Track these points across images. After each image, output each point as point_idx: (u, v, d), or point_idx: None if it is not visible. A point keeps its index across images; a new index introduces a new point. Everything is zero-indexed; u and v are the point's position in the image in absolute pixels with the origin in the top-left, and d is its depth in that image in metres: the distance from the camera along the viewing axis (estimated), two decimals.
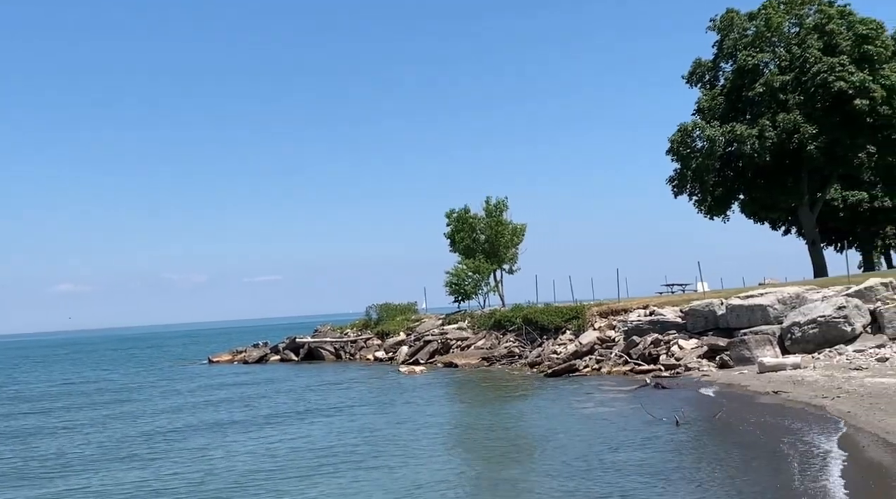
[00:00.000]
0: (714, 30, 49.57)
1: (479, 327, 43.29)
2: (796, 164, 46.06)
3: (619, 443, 16.97)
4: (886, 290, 27.87)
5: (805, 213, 48.45)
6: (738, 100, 47.28)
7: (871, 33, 43.97)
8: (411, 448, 18.04)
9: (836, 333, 26.46)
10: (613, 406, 22.46)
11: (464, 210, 53.78)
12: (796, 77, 45.23)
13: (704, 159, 46.53)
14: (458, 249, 53.23)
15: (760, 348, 27.12)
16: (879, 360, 23.82)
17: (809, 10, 47.75)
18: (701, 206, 49.82)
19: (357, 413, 24.49)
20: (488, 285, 51.93)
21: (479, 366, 37.67)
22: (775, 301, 29.25)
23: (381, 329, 49.78)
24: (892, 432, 14.65)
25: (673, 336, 31.14)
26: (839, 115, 43.81)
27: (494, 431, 20.33)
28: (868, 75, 42.82)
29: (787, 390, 21.38)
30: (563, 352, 34.58)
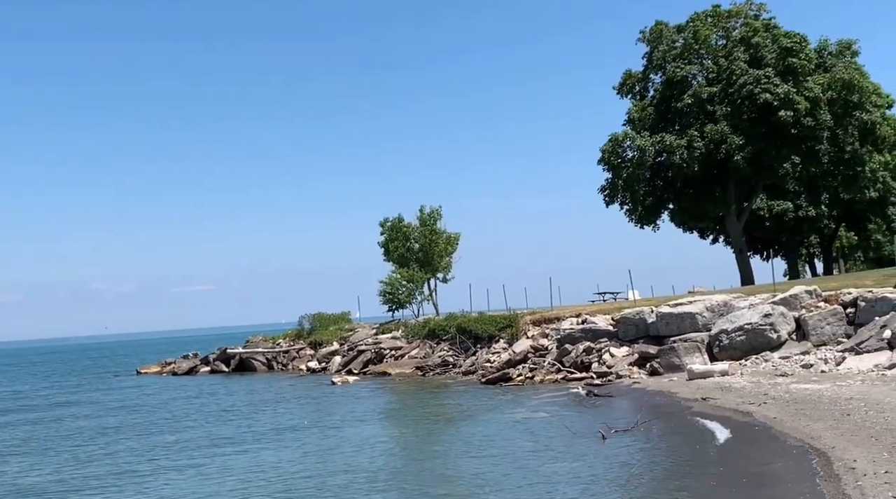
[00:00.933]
0: (644, 42, 50.35)
1: (413, 337, 43.13)
2: (724, 174, 46.96)
3: (551, 452, 17.00)
4: (810, 297, 28.49)
5: (732, 222, 49.42)
6: (668, 111, 48.06)
7: (795, 46, 45.10)
8: (336, 460, 17.81)
9: (762, 341, 26.95)
10: (545, 413, 22.52)
11: (397, 219, 53.62)
12: (723, 89, 46.16)
13: (635, 169, 47.14)
14: (392, 258, 53.02)
15: (689, 356, 27.49)
16: (804, 366, 24.33)
17: (736, 24, 48.83)
18: (632, 215, 50.47)
19: (282, 417, 24.17)
20: (422, 294, 51.81)
21: (413, 375, 37.53)
22: (704, 309, 29.69)
23: (313, 339, 49.29)
24: (816, 437, 14.93)
25: (605, 344, 31.41)
26: (765, 127, 44.81)
27: (427, 441, 20.23)
28: (792, 87, 43.88)
29: (716, 396, 21.69)
30: (496, 361, 34.62)
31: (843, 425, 15.45)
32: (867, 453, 12.94)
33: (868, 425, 14.96)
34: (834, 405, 17.56)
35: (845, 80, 44.97)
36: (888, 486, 10.83)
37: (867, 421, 15.27)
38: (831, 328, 26.51)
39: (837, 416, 16.36)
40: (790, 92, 43.62)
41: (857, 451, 13.20)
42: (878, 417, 15.45)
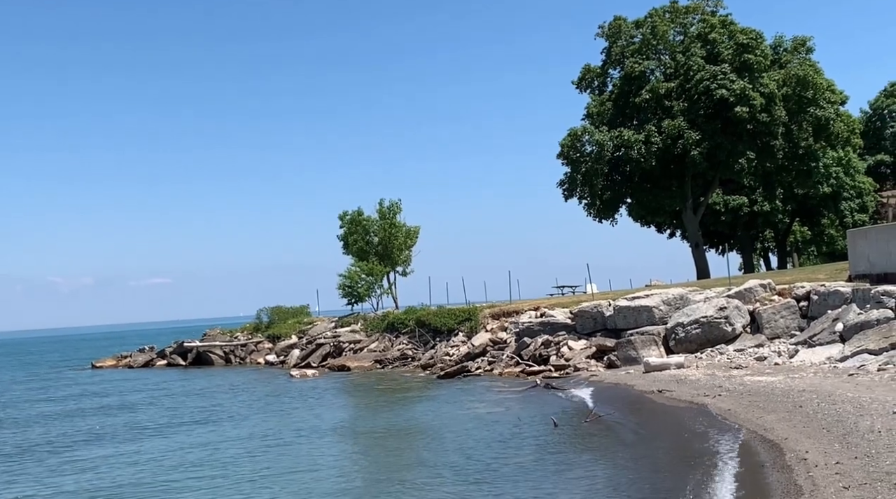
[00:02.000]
0: (602, 37, 50.60)
1: (373, 330, 43.10)
2: (681, 169, 47.41)
3: (506, 444, 17.09)
4: (765, 291, 28.89)
5: (689, 216, 49.92)
6: (626, 106, 48.38)
7: (751, 43, 45.63)
8: (298, 453, 17.78)
9: (717, 334, 27.30)
10: (504, 407, 22.64)
11: (357, 212, 53.49)
12: (681, 84, 46.59)
13: (594, 164, 47.40)
14: (352, 251, 52.90)
15: (646, 348, 27.78)
16: (758, 359, 24.68)
17: (693, 20, 49.26)
18: (590, 209, 50.72)
19: (241, 418, 24.01)
20: (382, 288, 51.75)
21: (372, 369, 37.52)
22: (660, 302, 30.01)
23: (272, 332, 49.08)
24: (769, 429, 15.16)
25: (563, 337, 31.61)
26: (721, 122, 45.31)
27: (385, 434, 20.21)
28: (748, 83, 44.41)
29: (671, 388, 21.92)
30: (455, 354, 34.74)
31: (796, 416, 15.69)
32: (819, 444, 13.16)
33: (820, 416, 15.21)
34: (787, 397, 17.82)
35: (800, 76, 45.60)
36: (839, 477, 11.02)
37: (819, 413, 15.52)
38: (785, 321, 26.92)
39: (790, 408, 16.61)
40: (746, 88, 44.14)
41: (808, 442, 13.41)
42: (829, 409, 15.72)
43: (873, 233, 29.66)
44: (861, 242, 29.21)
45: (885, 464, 11.11)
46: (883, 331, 22.26)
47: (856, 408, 15.26)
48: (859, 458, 11.74)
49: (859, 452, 12.07)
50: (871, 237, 28.80)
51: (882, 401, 15.51)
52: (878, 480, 10.45)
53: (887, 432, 12.85)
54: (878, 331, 22.40)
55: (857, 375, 19.78)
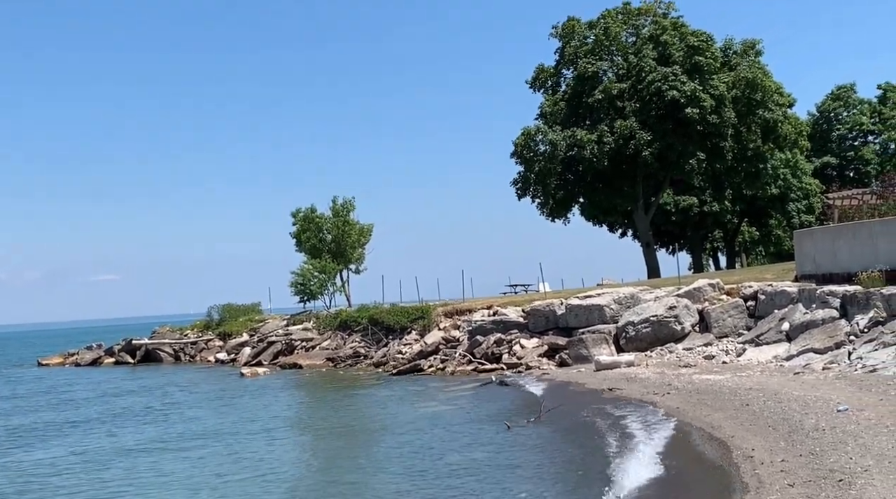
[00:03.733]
0: (556, 37, 50.97)
1: (325, 328, 42.89)
2: (632, 169, 47.90)
3: (459, 443, 17.11)
4: (713, 290, 29.30)
5: (640, 216, 50.47)
6: (579, 106, 48.77)
7: (702, 45, 46.29)
8: (244, 453, 17.60)
9: (667, 332, 27.63)
10: (456, 405, 22.68)
11: (310, 210, 53.23)
12: (633, 85, 47.08)
13: (547, 163, 47.72)
14: (304, 248, 52.63)
15: (597, 347, 28.01)
16: (706, 357, 25.03)
17: (645, 21, 49.84)
18: (543, 208, 51.07)
19: (188, 416, 23.73)
20: (334, 285, 51.54)
21: (325, 367, 37.33)
22: (612, 301, 30.28)
23: (223, 330, 48.60)
24: (717, 427, 15.36)
25: (515, 336, 31.75)
26: (672, 123, 45.88)
27: (336, 433, 20.13)
28: (699, 85, 45.03)
29: (622, 387, 22.13)
30: (408, 352, 34.70)
31: (743, 414, 15.93)
32: (765, 441, 13.37)
33: (766, 414, 15.45)
34: (734, 395, 18.09)
35: (749, 78, 46.37)
36: (784, 474, 11.21)
37: (765, 411, 15.77)
38: (733, 320, 27.32)
39: (737, 406, 16.86)
40: (696, 90, 44.76)
41: (755, 440, 13.62)
42: (775, 406, 15.98)
43: (819, 234, 30.22)
44: (807, 242, 29.74)
45: (829, 461, 11.32)
46: (828, 330, 22.70)
47: (801, 406, 15.54)
48: (804, 456, 11.95)
49: (804, 449, 12.29)
50: (817, 238, 29.34)
51: (826, 399, 15.81)
52: (823, 477, 10.64)
53: (831, 430, 13.10)
54: (824, 330, 22.84)
55: (803, 373, 20.15)
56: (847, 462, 11.07)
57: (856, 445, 11.93)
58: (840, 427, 13.21)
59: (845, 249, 26.49)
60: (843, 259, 26.43)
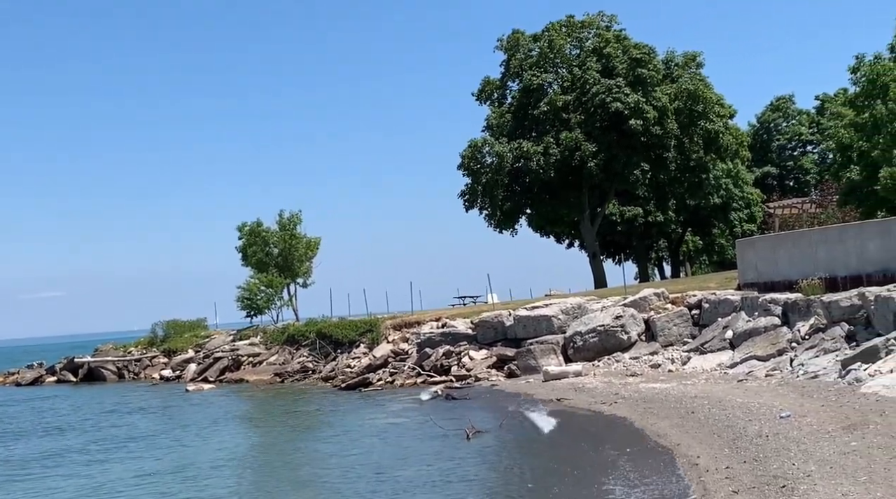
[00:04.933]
0: (501, 50, 51.26)
1: (272, 343, 42.48)
2: (578, 180, 48.29)
3: (409, 456, 17.04)
4: (659, 299, 29.65)
5: (586, 227, 50.89)
6: (525, 118, 49.07)
7: (644, 57, 46.93)
8: (191, 468, 17.33)
9: (614, 342, 27.87)
10: (405, 418, 22.61)
11: (256, 224, 52.66)
12: (577, 97, 47.53)
13: (494, 175, 47.90)
14: (251, 263, 52.02)
15: (545, 357, 28.15)
16: (652, 366, 25.31)
17: (589, 34, 50.37)
18: (491, 220, 51.22)
19: (126, 434, 23.31)
20: (282, 300, 51.04)
21: (272, 382, 36.95)
22: (559, 312, 30.45)
23: (167, 347, 47.82)
24: (663, 435, 15.53)
25: (464, 347, 31.75)
26: (616, 135, 46.38)
27: (283, 448, 19.91)
28: (642, 97, 45.62)
29: (570, 397, 22.27)
30: (357, 366, 34.51)
31: (688, 422, 16.12)
32: (709, 449, 13.55)
33: (711, 422, 15.66)
34: (680, 404, 18.31)
35: (691, 90, 47.09)
36: (728, 481, 11.35)
37: (710, 418, 15.99)
38: (678, 329, 27.65)
39: (683, 414, 17.06)
40: (640, 101, 45.33)
41: (700, 447, 13.79)
42: (720, 414, 16.20)
43: (760, 243, 30.78)
44: (749, 251, 30.26)
45: (772, 468, 11.49)
46: (770, 338, 23.11)
47: (745, 413, 15.78)
48: (748, 462, 12.12)
49: (748, 456, 12.47)
50: (759, 247, 29.88)
51: (769, 406, 16.08)
52: (766, 483, 10.80)
53: (774, 437, 13.31)
54: (766, 338, 23.24)
55: (747, 380, 20.48)
56: (790, 468, 11.25)
57: (798, 451, 12.14)
58: (783, 433, 13.43)
59: (786, 258, 27.01)
60: (784, 267, 26.93)
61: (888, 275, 22.21)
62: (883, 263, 22.73)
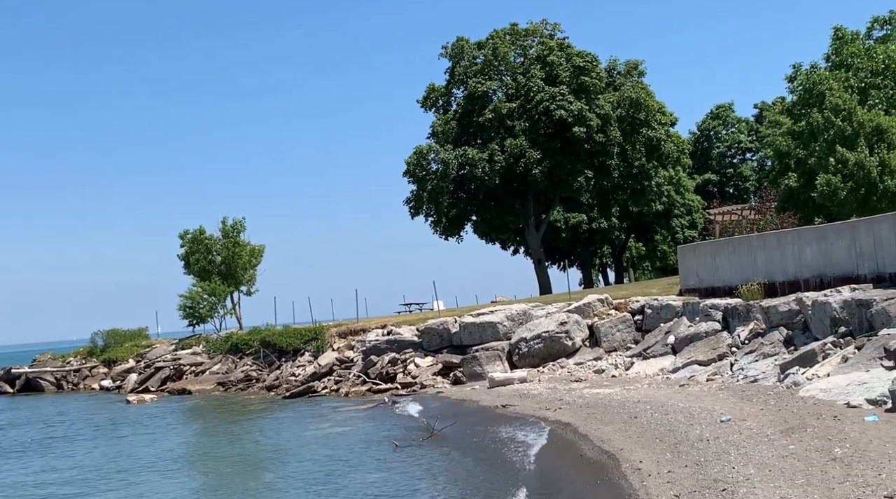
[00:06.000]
0: (446, 57, 51.40)
1: (215, 352, 41.95)
2: (523, 187, 48.56)
3: (353, 465, 16.93)
4: (602, 305, 29.93)
5: (531, 233, 51.18)
6: (470, 125, 49.22)
7: (587, 65, 47.41)
8: (127, 485, 16.98)
9: (558, 348, 28.04)
10: (350, 426, 22.47)
11: (199, 231, 51.99)
12: (522, 105, 47.83)
13: (439, 182, 47.95)
14: (193, 271, 51.34)
15: (491, 364, 28.19)
16: (597, 371, 25.51)
17: (533, 42, 50.75)
18: (436, 227, 51.26)
19: (68, 451, 22.79)
20: (225, 308, 50.47)
21: (215, 391, 36.51)
22: (504, 318, 30.55)
23: (107, 357, 46.96)
24: (606, 440, 15.62)
25: (410, 355, 31.68)
26: (560, 142, 46.75)
27: (225, 459, 19.63)
28: (585, 105, 46.07)
29: (515, 403, 22.32)
30: (301, 374, 34.24)
31: (631, 427, 16.25)
32: (652, 454, 13.66)
33: (654, 426, 15.80)
34: (623, 409, 18.45)
35: (633, 98, 47.66)
36: (670, 485, 11.45)
37: (653, 423, 16.13)
38: (621, 335, 27.94)
39: (626, 419, 17.20)
40: (583, 109, 45.77)
41: (643, 452, 13.90)
42: (662, 419, 16.36)
43: (701, 249, 31.25)
44: (690, 257, 30.72)
45: (713, 471, 11.62)
46: (711, 342, 23.45)
47: (686, 418, 15.95)
48: (689, 466, 12.24)
49: (689, 460, 12.60)
50: (700, 253, 30.34)
51: (710, 410, 16.28)
52: (707, 487, 10.92)
53: (715, 440, 13.47)
54: (707, 343, 23.58)
55: (688, 385, 20.73)
56: (730, 472, 11.39)
57: (738, 454, 12.29)
58: (723, 437, 13.60)
59: (726, 264, 27.46)
60: (725, 273, 27.38)
61: (825, 280, 22.71)
62: (819, 269, 23.23)
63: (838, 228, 23.58)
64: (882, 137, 28.86)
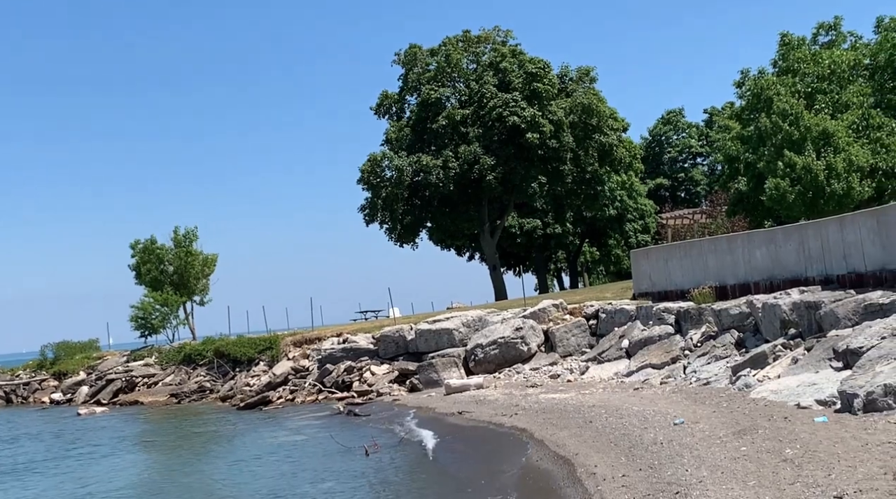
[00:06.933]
0: (399, 64, 51.38)
1: (168, 363, 41.37)
2: (477, 193, 48.66)
3: (306, 474, 16.80)
4: (557, 310, 30.06)
5: (486, 239, 51.29)
6: (424, 131, 49.22)
7: (540, 72, 47.68)
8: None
9: (514, 353, 28.11)
10: (305, 435, 22.31)
11: (150, 241, 51.26)
12: (475, 111, 47.95)
13: (394, 189, 47.89)
14: (145, 281, 50.59)
15: (447, 371, 28.18)
16: (552, 377, 25.60)
17: (485, 49, 50.95)
18: (391, 234, 51.18)
19: (18, 466, 22.31)
20: (178, 318, 49.76)
21: (168, 403, 35.99)
22: (460, 325, 30.57)
23: (57, 369, 46.06)
24: (562, 445, 15.67)
25: (366, 363, 31.56)
26: (514, 148, 46.95)
27: (178, 471, 19.34)
28: (538, 111, 46.32)
29: (471, 409, 22.30)
30: (256, 384, 33.91)
31: (586, 432, 16.31)
32: (607, 458, 13.72)
33: (608, 431, 15.87)
34: (578, 413, 18.53)
35: (585, 104, 48.01)
36: (625, 489, 11.51)
37: (607, 427, 16.21)
38: (576, 339, 28.09)
39: (581, 423, 17.26)
40: (536, 115, 46.01)
41: (597, 457, 13.96)
42: (617, 423, 16.45)
43: (654, 253, 31.51)
44: (643, 261, 30.96)
45: (667, 474, 11.69)
46: (664, 346, 23.66)
47: (641, 421, 16.05)
48: (643, 470, 12.31)
49: (644, 464, 12.67)
50: (652, 257, 30.59)
51: (664, 413, 16.41)
52: (661, 490, 10.98)
53: (668, 444, 13.57)
54: (660, 346, 23.79)
55: (642, 389, 20.89)
56: (683, 474, 11.47)
57: (691, 457, 12.39)
58: (677, 440, 13.70)
59: (678, 267, 27.72)
60: (677, 277, 27.64)
61: (774, 283, 23.02)
62: (769, 271, 23.54)
63: (787, 231, 23.93)
64: (828, 141, 29.36)
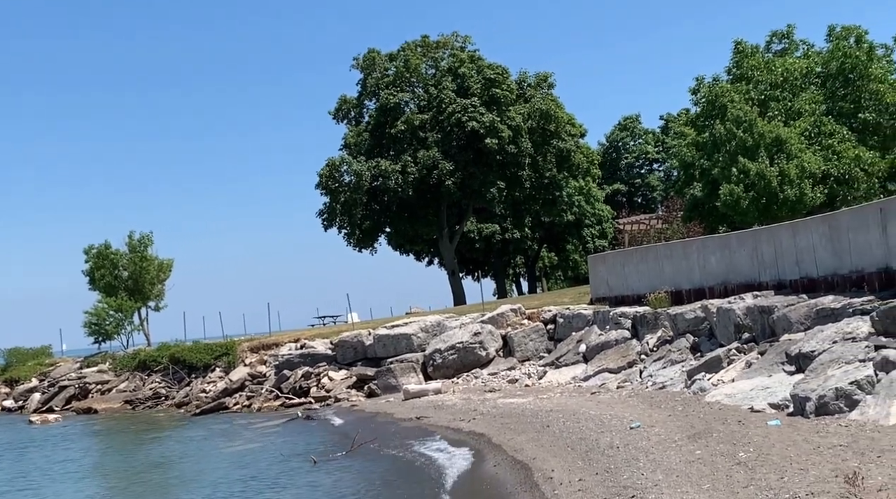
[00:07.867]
0: (358, 68, 51.27)
1: (122, 369, 40.82)
2: (436, 198, 48.71)
3: (263, 482, 16.63)
4: (516, 315, 30.15)
5: (445, 244, 51.33)
6: (383, 136, 49.13)
7: (498, 78, 47.87)
8: None
9: (472, 359, 28.14)
10: (261, 443, 22.11)
11: (104, 246, 50.58)
12: (434, 116, 47.99)
13: (352, 193, 47.74)
14: (99, 286, 49.89)
15: (405, 376, 28.14)
16: (510, 381, 25.66)
17: (444, 54, 51.03)
18: (350, 238, 51.03)
19: None
20: (132, 324, 49.15)
21: (122, 410, 35.52)
22: (419, 330, 30.53)
23: (9, 376, 45.22)
24: (519, 450, 15.70)
25: (323, 368, 31.42)
26: (473, 153, 47.06)
27: (132, 481, 19.04)
28: (496, 116, 46.48)
29: (429, 415, 22.29)
30: (212, 390, 33.62)
31: (544, 436, 16.36)
32: (564, 462, 13.77)
33: (565, 435, 15.94)
34: (536, 418, 18.58)
35: (543, 110, 48.27)
36: (581, 493, 11.55)
37: (565, 432, 16.27)
38: (534, 344, 28.20)
39: (538, 428, 17.32)
40: (495, 121, 46.17)
41: (555, 461, 14.00)
42: (574, 427, 16.52)
43: (611, 258, 31.77)
44: (600, 266, 31.19)
45: (623, 478, 11.76)
46: (621, 350, 23.83)
47: (598, 425, 16.14)
48: (600, 474, 12.37)
49: (600, 467, 12.73)
50: (609, 262, 30.83)
51: (620, 417, 16.51)
52: (617, 494, 11.03)
53: (625, 447, 13.65)
54: (617, 350, 23.96)
55: (599, 393, 21.02)
56: (639, 478, 11.54)
57: (647, 460, 12.47)
58: (633, 444, 13.79)
59: (635, 272, 27.97)
60: (634, 282, 27.88)
61: (728, 287, 23.31)
62: (723, 276, 23.84)
63: (741, 236, 24.25)
64: (781, 148, 29.84)
